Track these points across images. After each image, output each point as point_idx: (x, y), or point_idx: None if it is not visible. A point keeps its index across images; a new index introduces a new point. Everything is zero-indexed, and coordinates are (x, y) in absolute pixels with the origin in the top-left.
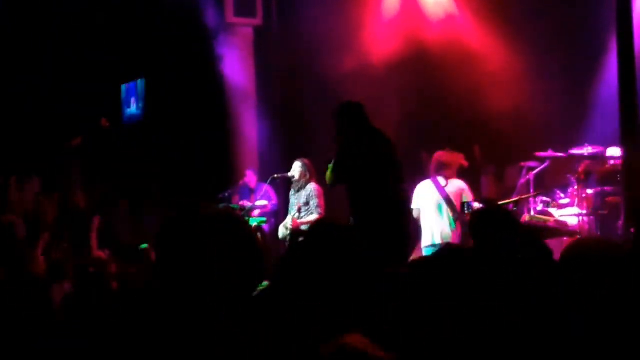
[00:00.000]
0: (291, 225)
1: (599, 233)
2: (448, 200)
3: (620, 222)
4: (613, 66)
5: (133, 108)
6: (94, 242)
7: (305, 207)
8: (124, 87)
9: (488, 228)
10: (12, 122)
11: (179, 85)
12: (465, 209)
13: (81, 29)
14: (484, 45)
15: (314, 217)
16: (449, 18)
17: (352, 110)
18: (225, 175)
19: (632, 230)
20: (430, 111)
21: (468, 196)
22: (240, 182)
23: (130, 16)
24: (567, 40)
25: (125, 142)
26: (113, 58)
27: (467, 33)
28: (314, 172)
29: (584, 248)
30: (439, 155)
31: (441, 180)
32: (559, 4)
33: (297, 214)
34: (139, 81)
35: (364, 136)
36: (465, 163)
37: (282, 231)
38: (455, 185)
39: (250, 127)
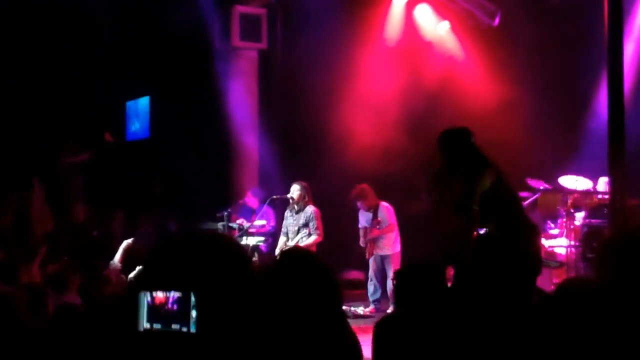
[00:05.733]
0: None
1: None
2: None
3: None
4: (603, 100)
5: (137, 125)
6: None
7: (304, 228)
8: (128, 104)
9: None
10: (17, 134)
11: (183, 105)
12: None
13: (89, 47)
14: (480, 82)
15: (313, 239)
16: (450, 55)
17: (464, 138)
18: (225, 194)
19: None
20: (424, 142)
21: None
22: (240, 202)
23: (139, 36)
24: (558, 72)
25: (128, 158)
26: (119, 76)
27: (465, 69)
28: (312, 195)
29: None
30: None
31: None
32: (550, 38)
33: (293, 235)
34: (143, 99)
35: (486, 167)
36: None
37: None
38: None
39: (251, 147)
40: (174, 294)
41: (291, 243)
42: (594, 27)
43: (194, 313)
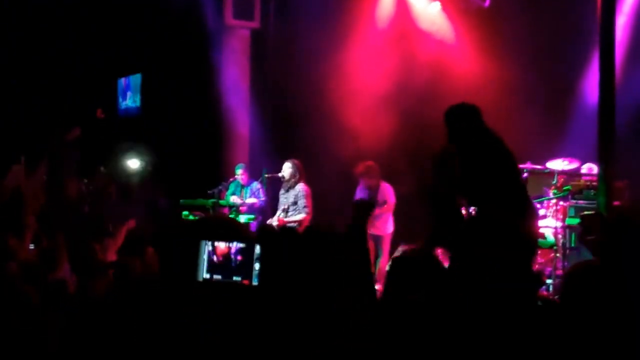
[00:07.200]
0: (277, 223)
1: (571, 245)
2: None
3: None
4: (594, 81)
5: (129, 101)
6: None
7: (293, 206)
8: (121, 80)
9: None
10: (10, 111)
11: (175, 82)
12: None
13: (82, 24)
14: (470, 63)
15: (300, 216)
16: (439, 35)
17: (469, 113)
18: (217, 171)
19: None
20: (414, 124)
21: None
22: (231, 179)
23: (132, 13)
24: (548, 54)
25: (119, 133)
26: (112, 52)
27: (455, 50)
28: (304, 173)
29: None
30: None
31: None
32: (541, 19)
33: (284, 214)
34: (135, 75)
35: (488, 143)
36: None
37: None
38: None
39: (243, 126)
40: (237, 245)
41: (274, 222)
42: (585, 8)
43: (257, 265)
